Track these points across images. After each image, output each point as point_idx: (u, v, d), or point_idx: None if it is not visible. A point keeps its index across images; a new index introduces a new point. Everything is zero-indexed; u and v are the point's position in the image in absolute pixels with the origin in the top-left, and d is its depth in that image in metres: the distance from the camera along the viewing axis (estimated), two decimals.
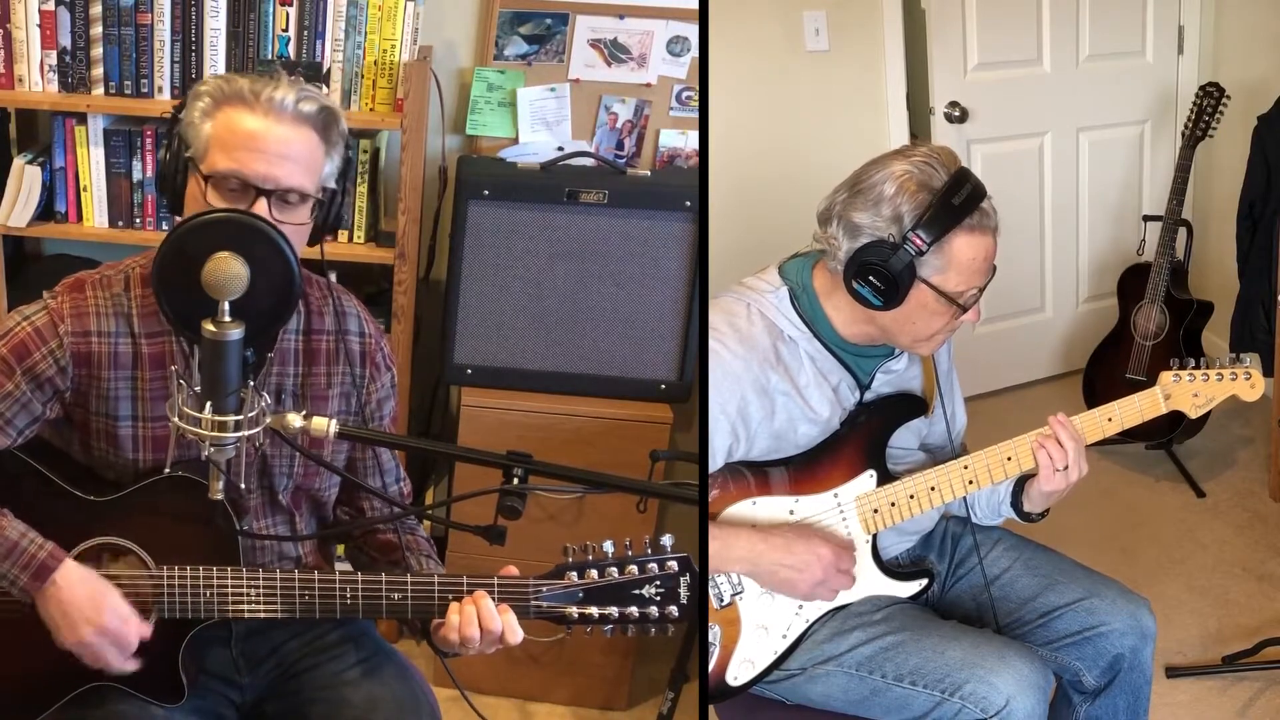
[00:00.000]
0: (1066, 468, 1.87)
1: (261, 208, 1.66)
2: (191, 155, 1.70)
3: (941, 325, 1.85)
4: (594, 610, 1.71)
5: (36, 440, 1.76)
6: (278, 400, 1.82)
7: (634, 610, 1.71)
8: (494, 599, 1.70)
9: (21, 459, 1.73)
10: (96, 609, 1.64)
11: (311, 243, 1.79)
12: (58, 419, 1.76)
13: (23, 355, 1.70)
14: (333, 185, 1.76)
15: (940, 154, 1.80)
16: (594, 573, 1.71)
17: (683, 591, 1.72)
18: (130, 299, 1.75)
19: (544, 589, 1.71)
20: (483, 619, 1.68)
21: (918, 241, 1.75)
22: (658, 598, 1.71)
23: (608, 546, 1.72)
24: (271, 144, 1.67)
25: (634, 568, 1.71)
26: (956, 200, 1.75)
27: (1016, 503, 2.00)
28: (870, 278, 1.78)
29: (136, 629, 1.67)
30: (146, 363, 1.75)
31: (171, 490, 1.70)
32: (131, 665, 1.69)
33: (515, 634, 1.70)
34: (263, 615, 1.72)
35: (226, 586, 1.71)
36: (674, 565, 1.72)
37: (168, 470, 1.66)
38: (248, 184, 1.66)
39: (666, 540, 1.73)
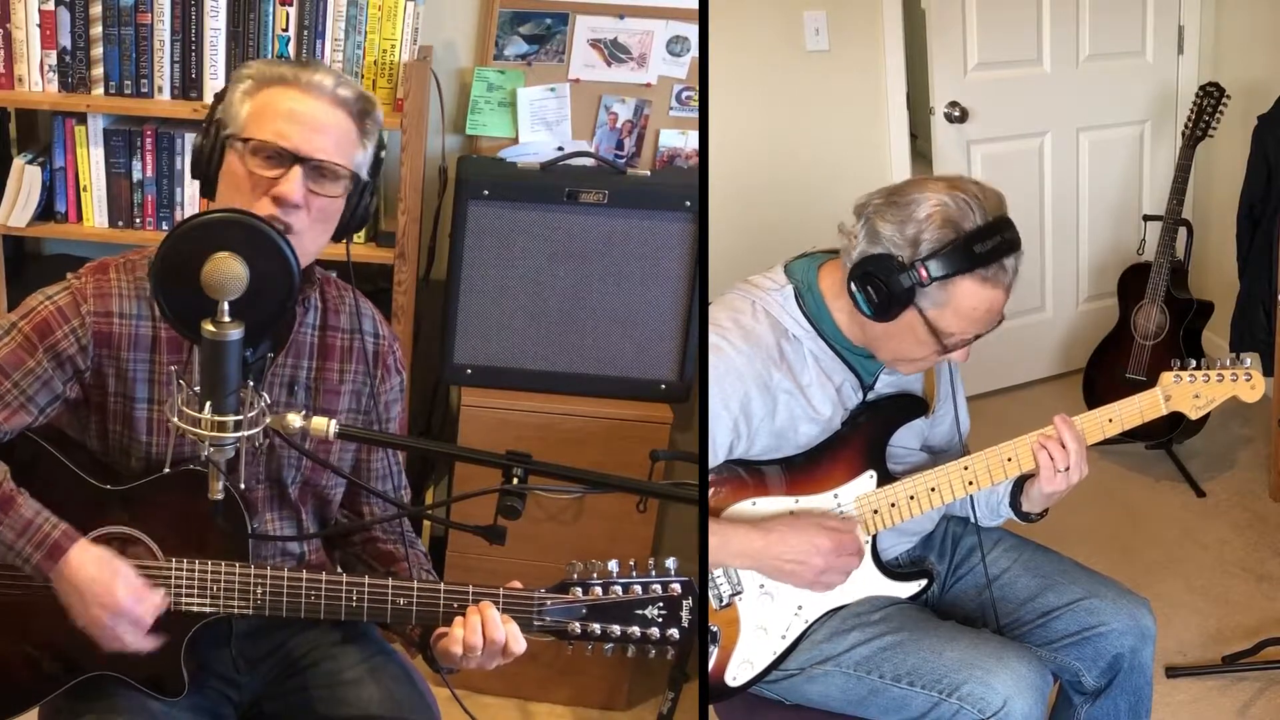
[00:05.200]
0: (1068, 469, 1.87)
1: (296, 174, 1.69)
2: (230, 133, 1.72)
3: (924, 354, 1.84)
4: (596, 627, 1.70)
5: (53, 429, 1.78)
6: (290, 392, 1.83)
7: (635, 630, 1.71)
8: (498, 610, 1.70)
9: (38, 444, 1.74)
10: (109, 589, 1.65)
11: (337, 237, 1.80)
12: (77, 401, 1.77)
13: (45, 333, 1.72)
14: (365, 176, 1.78)
15: (987, 197, 1.77)
16: (598, 590, 1.71)
17: (684, 614, 1.71)
18: None
19: (548, 603, 1.71)
20: (487, 629, 1.67)
21: (923, 273, 1.74)
22: (659, 619, 1.71)
23: (612, 565, 1.72)
24: (307, 118, 1.71)
25: (637, 587, 1.71)
26: (979, 248, 1.73)
27: (1015, 503, 2.00)
28: (868, 287, 1.78)
29: (152, 605, 1.67)
30: (165, 346, 1.77)
31: (183, 484, 1.70)
32: (149, 643, 1.69)
33: (519, 644, 1.69)
34: (267, 613, 1.72)
35: (234, 581, 1.71)
36: (677, 588, 1.71)
37: (167, 469, 1.66)
38: (284, 152, 1.69)
39: (670, 562, 1.73)
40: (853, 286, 1.80)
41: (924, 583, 2.01)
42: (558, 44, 2.92)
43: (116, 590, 1.65)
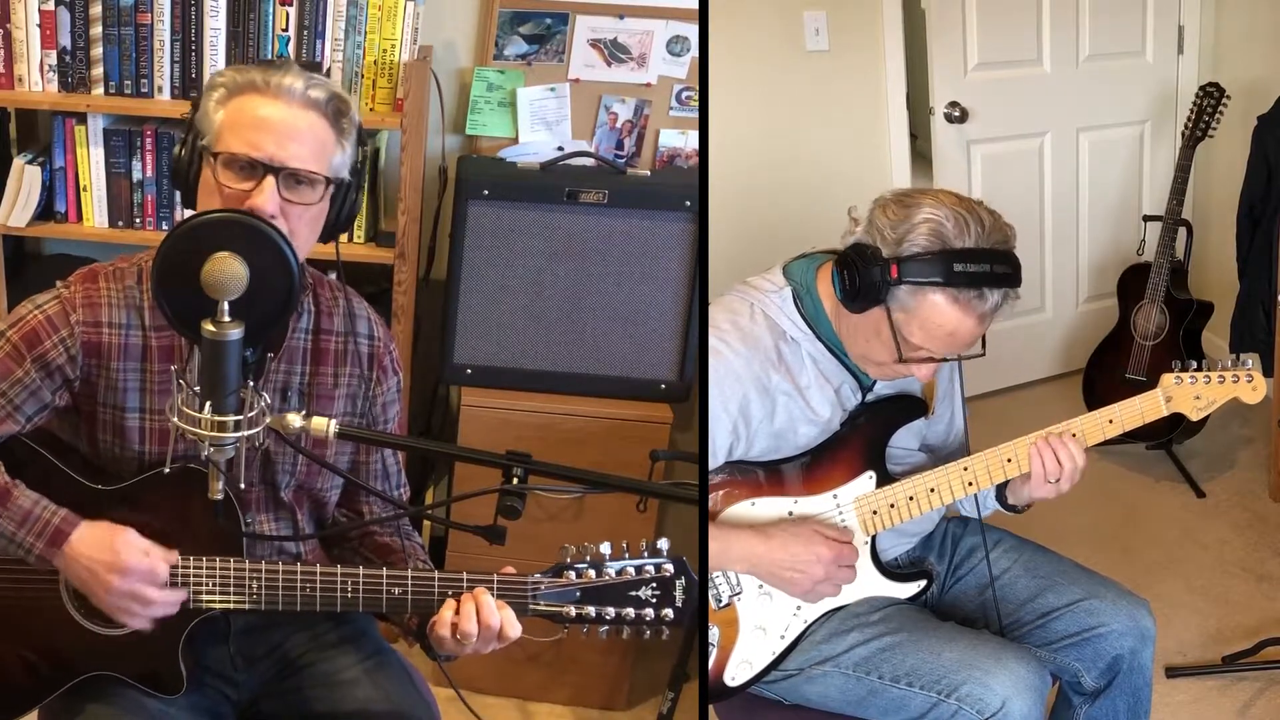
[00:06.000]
0: (1059, 480, 1.87)
1: (269, 185, 1.67)
2: (205, 144, 1.71)
3: (886, 360, 1.83)
4: (591, 610, 1.71)
5: (45, 432, 1.77)
6: (284, 398, 1.83)
7: (630, 611, 1.71)
8: (493, 596, 1.70)
9: (29, 446, 1.74)
10: (114, 553, 1.64)
11: (325, 239, 1.80)
12: (67, 408, 1.77)
13: (34, 343, 1.71)
14: (346, 176, 1.77)
15: (995, 228, 1.74)
16: (591, 572, 1.71)
17: (678, 594, 1.72)
18: (142, 291, 1.76)
19: (543, 587, 1.71)
20: (482, 614, 1.67)
21: (894, 271, 1.73)
22: (653, 599, 1.72)
23: (605, 548, 1.73)
24: (279, 125, 1.69)
25: (631, 569, 1.72)
26: (959, 267, 1.71)
27: (1001, 495, 2.01)
28: (845, 272, 1.78)
29: (162, 557, 1.67)
30: (156, 355, 1.76)
31: (176, 481, 1.70)
32: (176, 596, 1.68)
33: (514, 628, 1.69)
34: (263, 607, 1.72)
35: (229, 577, 1.71)
36: (670, 568, 1.72)
37: (167, 469, 1.66)
38: (256, 163, 1.68)
39: (663, 543, 1.73)
40: (834, 270, 1.81)
41: (923, 583, 2.01)
42: (558, 44, 2.93)
43: (123, 553, 1.64)
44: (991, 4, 3.73)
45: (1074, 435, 1.88)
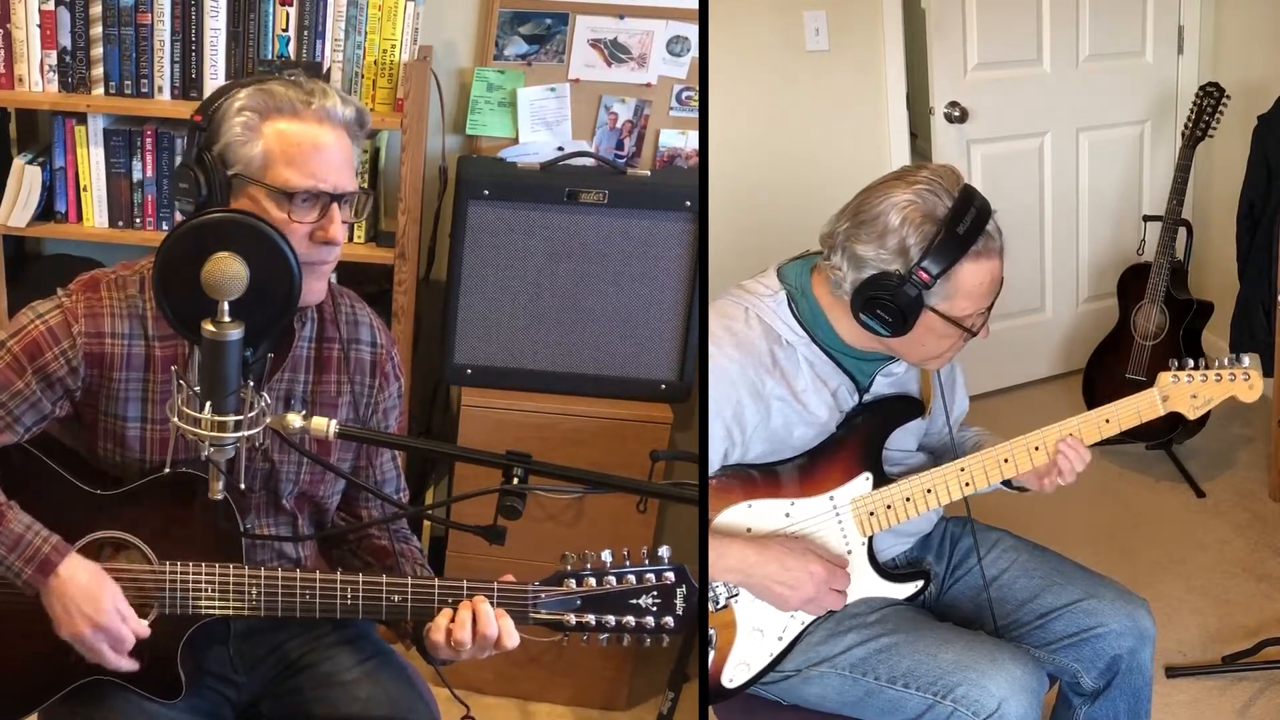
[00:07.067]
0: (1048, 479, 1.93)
1: (337, 215, 1.71)
2: (240, 172, 1.69)
3: (950, 345, 1.86)
4: (591, 618, 1.71)
5: (45, 436, 1.77)
6: (287, 406, 1.82)
7: (630, 620, 1.72)
8: (493, 604, 1.70)
9: (29, 452, 1.74)
10: (96, 606, 1.65)
11: None
12: (68, 417, 1.76)
13: (35, 354, 1.71)
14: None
15: (943, 176, 1.78)
16: (592, 581, 1.71)
17: (679, 602, 1.72)
18: (145, 300, 1.75)
19: (543, 595, 1.71)
20: (479, 623, 1.67)
21: (924, 276, 1.74)
22: (654, 608, 1.72)
23: (606, 555, 1.73)
24: (332, 152, 1.71)
25: (631, 577, 1.72)
26: (961, 229, 1.74)
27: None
28: (877, 310, 1.78)
29: (134, 628, 1.68)
30: (159, 365, 1.75)
31: (176, 486, 1.70)
32: (127, 664, 1.69)
33: (512, 638, 1.70)
34: (263, 614, 1.72)
35: (228, 583, 1.71)
36: (670, 576, 1.72)
37: (168, 470, 1.66)
38: (321, 194, 1.70)
39: (664, 551, 1.74)
40: (862, 316, 1.80)
41: (921, 584, 2.01)
42: (558, 44, 2.93)
43: (102, 609, 1.65)
44: (991, 4, 3.73)
45: (1070, 435, 1.89)
